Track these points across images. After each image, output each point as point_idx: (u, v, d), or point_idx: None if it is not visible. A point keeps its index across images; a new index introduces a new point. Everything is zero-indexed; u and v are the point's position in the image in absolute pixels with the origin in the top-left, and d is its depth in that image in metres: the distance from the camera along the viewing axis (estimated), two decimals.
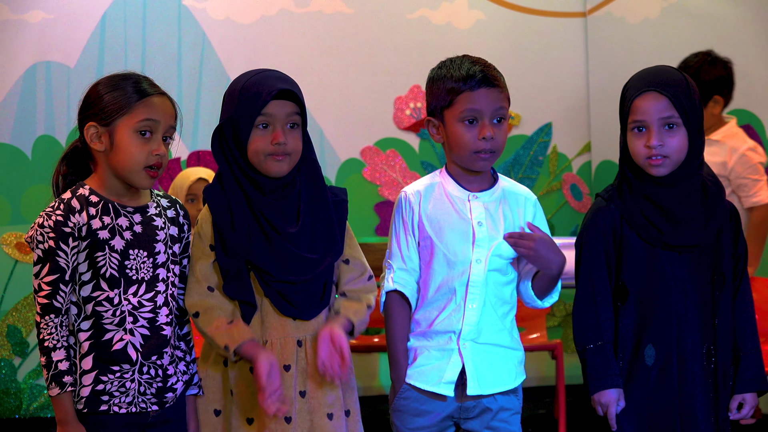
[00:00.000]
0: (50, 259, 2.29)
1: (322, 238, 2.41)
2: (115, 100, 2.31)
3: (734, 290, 2.58)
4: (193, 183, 4.23)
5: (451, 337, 2.49)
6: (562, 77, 5.65)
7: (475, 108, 2.45)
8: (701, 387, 2.50)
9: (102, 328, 2.31)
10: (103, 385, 2.30)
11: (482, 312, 2.50)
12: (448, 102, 2.48)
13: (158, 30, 5.27)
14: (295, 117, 2.39)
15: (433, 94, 2.54)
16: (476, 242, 2.50)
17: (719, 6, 5.29)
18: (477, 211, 2.52)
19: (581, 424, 4.64)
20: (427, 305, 2.53)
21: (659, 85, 2.48)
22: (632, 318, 2.52)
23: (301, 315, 2.38)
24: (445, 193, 2.54)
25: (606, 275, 2.55)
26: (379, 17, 5.49)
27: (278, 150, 2.35)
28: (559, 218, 5.66)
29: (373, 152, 5.47)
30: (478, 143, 2.45)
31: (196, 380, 2.47)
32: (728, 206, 2.58)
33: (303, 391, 2.39)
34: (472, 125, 2.47)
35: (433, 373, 2.49)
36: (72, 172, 2.42)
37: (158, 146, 2.33)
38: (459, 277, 2.50)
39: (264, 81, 2.36)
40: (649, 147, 2.47)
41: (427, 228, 2.52)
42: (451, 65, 2.52)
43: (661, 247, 2.50)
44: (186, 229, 2.47)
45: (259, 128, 2.35)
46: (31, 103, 5.13)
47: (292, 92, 2.37)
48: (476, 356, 2.49)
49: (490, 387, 2.50)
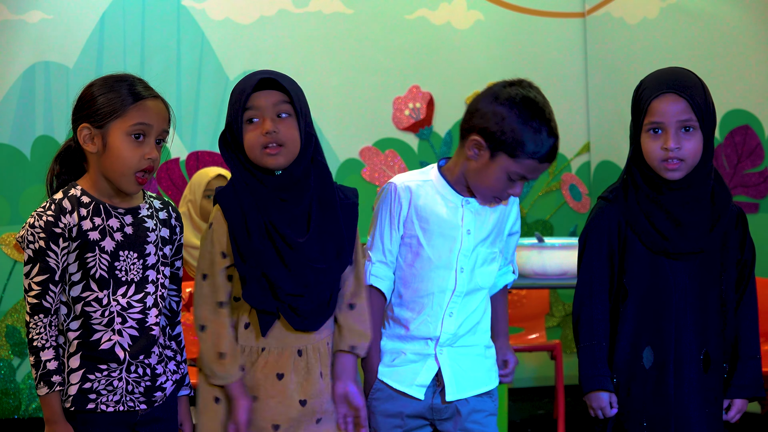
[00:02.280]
0: (40, 260, 2.29)
1: (332, 247, 2.37)
2: (109, 103, 2.30)
3: (739, 296, 2.56)
4: (212, 179, 4.28)
5: (428, 343, 2.48)
6: (561, 78, 5.65)
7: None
8: (697, 392, 2.49)
9: (90, 329, 2.31)
10: (91, 383, 2.30)
11: (461, 319, 2.48)
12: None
13: (157, 30, 5.27)
14: (284, 106, 2.33)
15: (483, 117, 2.43)
16: (462, 251, 2.47)
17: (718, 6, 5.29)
18: (468, 218, 2.49)
19: (580, 424, 4.64)
20: (404, 305, 2.50)
21: (678, 87, 2.45)
22: (632, 319, 2.51)
23: (309, 327, 2.35)
24: (438, 194, 2.50)
25: (606, 276, 2.54)
26: (378, 17, 5.49)
27: (270, 140, 2.30)
28: (558, 218, 5.66)
29: (372, 152, 5.47)
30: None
31: (188, 381, 2.47)
32: (735, 210, 2.56)
33: (303, 400, 2.37)
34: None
35: (408, 374, 2.48)
36: (65, 172, 2.42)
37: (150, 150, 2.32)
38: (441, 282, 2.47)
39: (249, 77, 2.35)
40: (666, 149, 2.44)
41: (415, 227, 2.49)
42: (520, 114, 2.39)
43: (665, 255, 2.49)
44: (178, 231, 2.46)
45: (249, 123, 2.33)
46: (30, 103, 5.13)
47: (275, 81, 2.33)
48: (453, 361, 2.48)
49: (467, 390, 2.49)
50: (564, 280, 4.13)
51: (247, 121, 2.33)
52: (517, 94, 2.41)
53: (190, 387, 2.47)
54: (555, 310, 5.62)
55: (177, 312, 2.47)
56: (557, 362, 4.54)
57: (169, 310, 2.45)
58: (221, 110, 5.23)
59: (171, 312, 2.46)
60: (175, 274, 2.46)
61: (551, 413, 5.00)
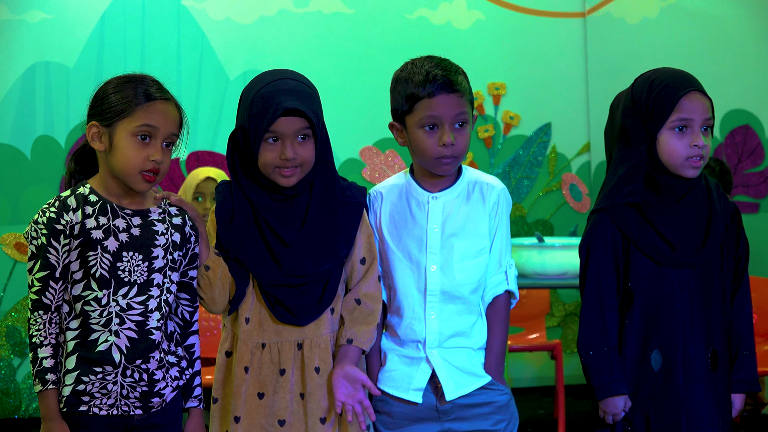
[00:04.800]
0: (41, 256, 2.29)
1: (324, 245, 2.39)
2: (118, 102, 2.30)
3: (734, 291, 2.57)
4: (201, 182, 4.22)
5: (417, 346, 2.46)
6: (562, 77, 5.65)
7: (434, 115, 2.41)
8: (707, 391, 2.48)
9: (89, 328, 2.29)
10: (84, 385, 2.28)
11: (444, 319, 2.46)
12: (408, 108, 2.45)
13: (157, 30, 5.27)
14: (305, 130, 2.35)
15: (394, 99, 2.51)
16: (429, 248, 2.46)
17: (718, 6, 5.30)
18: (435, 213, 2.48)
19: (580, 424, 4.64)
20: (392, 310, 2.50)
21: (700, 86, 2.46)
22: (639, 323, 2.50)
23: (296, 321, 2.37)
24: (407, 194, 2.51)
25: (614, 281, 2.52)
26: (378, 17, 5.49)
27: (287, 164, 2.33)
28: (558, 218, 5.66)
29: (372, 152, 5.47)
30: (439, 149, 2.41)
31: (198, 393, 2.43)
32: (731, 208, 2.57)
33: (302, 393, 2.38)
34: (433, 131, 2.42)
35: (403, 379, 2.47)
36: (80, 170, 2.41)
37: (156, 152, 2.31)
38: (417, 284, 2.46)
39: (273, 96, 2.32)
40: (696, 146, 2.43)
41: (384, 232, 2.49)
42: (412, 68, 2.48)
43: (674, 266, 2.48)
44: (192, 240, 2.42)
45: (268, 142, 2.34)
46: (30, 103, 5.13)
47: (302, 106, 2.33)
48: (446, 361, 2.46)
49: (466, 387, 2.47)
50: (564, 280, 4.13)
51: (266, 140, 2.34)
52: (402, 68, 2.52)
53: (199, 400, 2.43)
54: (555, 310, 5.61)
55: (191, 322, 2.43)
56: (557, 362, 4.54)
57: (182, 319, 2.42)
58: (221, 110, 5.24)
59: (184, 321, 2.43)
60: (188, 283, 2.42)
61: (551, 413, 5.00)
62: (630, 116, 2.52)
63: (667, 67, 2.54)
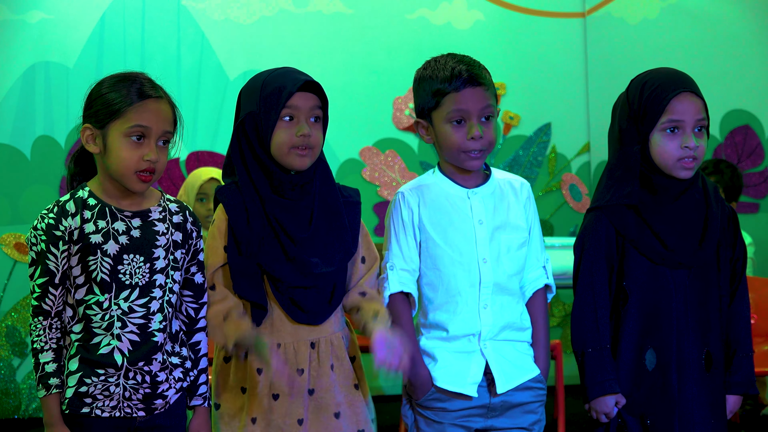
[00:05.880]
0: (41, 262, 2.28)
1: (334, 241, 2.39)
2: (109, 104, 2.29)
3: (731, 293, 2.57)
4: (204, 182, 4.19)
5: (470, 339, 2.49)
6: (561, 78, 5.65)
7: (461, 108, 2.45)
8: (700, 392, 2.48)
9: (91, 332, 2.29)
10: (87, 387, 2.28)
11: (497, 310, 2.49)
12: (435, 104, 2.48)
13: (157, 30, 5.27)
14: (318, 111, 2.39)
15: (419, 96, 2.54)
16: (478, 241, 2.49)
17: (718, 6, 5.30)
18: (477, 208, 2.51)
19: (580, 424, 4.64)
20: (438, 308, 2.51)
21: (693, 87, 2.46)
22: (634, 322, 2.50)
23: (311, 320, 2.37)
24: (442, 192, 2.53)
25: (606, 280, 2.53)
26: (378, 17, 5.49)
27: (303, 142, 2.34)
28: (558, 218, 5.66)
29: (372, 153, 5.47)
30: (467, 143, 2.45)
31: (202, 391, 2.43)
32: (728, 210, 2.57)
33: (312, 390, 2.39)
34: (460, 125, 2.46)
35: (458, 374, 2.48)
36: (80, 172, 2.40)
37: (150, 151, 2.29)
38: (467, 277, 2.49)
39: (288, 74, 2.38)
40: (687, 148, 2.43)
41: (428, 229, 2.51)
42: (435, 66, 2.52)
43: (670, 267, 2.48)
44: (194, 236, 2.42)
45: (284, 120, 2.35)
46: (30, 103, 5.13)
47: (316, 84, 2.38)
48: (499, 354, 2.49)
49: (516, 380, 2.50)
50: (564, 280, 4.11)
51: (282, 119, 2.34)
52: (424, 66, 2.56)
53: (204, 398, 2.43)
54: (555, 310, 5.62)
55: (196, 319, 2.42)
56: (557, 362, 4.53)
57: (187, 316, 2.42)
58: (221, 110, 5.24)
59: (189, 319, 2.42)
60: (190, 279, 2.41)
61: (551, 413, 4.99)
62: (624, 118, 2.53)
63: (662, 68, 2.55)
